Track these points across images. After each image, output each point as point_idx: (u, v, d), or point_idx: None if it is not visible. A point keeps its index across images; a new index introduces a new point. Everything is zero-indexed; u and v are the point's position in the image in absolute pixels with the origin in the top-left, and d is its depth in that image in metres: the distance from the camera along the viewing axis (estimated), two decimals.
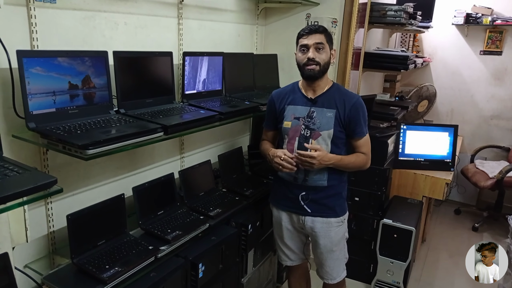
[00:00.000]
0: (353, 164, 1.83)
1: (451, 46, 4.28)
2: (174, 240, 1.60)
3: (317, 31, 1.75)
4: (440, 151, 3.01)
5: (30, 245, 1.49)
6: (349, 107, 1.78)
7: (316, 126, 1.79)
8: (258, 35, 2.68)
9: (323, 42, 1.74)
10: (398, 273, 2.58)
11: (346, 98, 1.80)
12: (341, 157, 1.79)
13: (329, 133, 1.78)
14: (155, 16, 1.87)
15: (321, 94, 1.82)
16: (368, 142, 1.86)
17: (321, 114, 1.79)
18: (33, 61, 1.26)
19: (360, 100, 1.82)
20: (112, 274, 1.35)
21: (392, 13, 2.77)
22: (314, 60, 1.74)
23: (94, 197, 1.66)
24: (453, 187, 4.33)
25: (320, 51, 1.75)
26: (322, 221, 1.86)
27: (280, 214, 1.96)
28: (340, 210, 1.89)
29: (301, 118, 1.82)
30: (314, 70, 1.75)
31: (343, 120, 1.78)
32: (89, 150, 1.19)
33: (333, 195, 1.86)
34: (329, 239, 1.88)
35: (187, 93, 1.95)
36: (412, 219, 2.59)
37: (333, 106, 1.79)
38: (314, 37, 1.74)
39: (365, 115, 1.83)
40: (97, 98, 1.49)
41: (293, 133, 1.82)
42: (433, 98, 4.18)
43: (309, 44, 1.74)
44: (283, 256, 2.06)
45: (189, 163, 2.16)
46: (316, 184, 1.82)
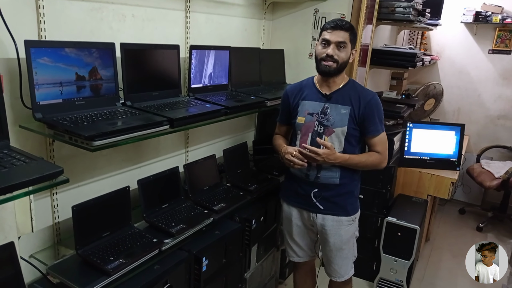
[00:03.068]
0: (363, 163, 1.80)
1: (459, 44, 4.24)
2: (178, 234, 1.61)
3: (342, 28, 1.70)
4: (446, 150, 2.99)
5: (35, 235, 1.49)
6: (364, 104, 1.75)
7: (329, 122, 1.77)
8: (265, 30, 2.67)
9: (345, 41, 1.70)
10: (401, 272, 2.58)
11: (361, 95, 1.78)
12: (349, 156, 1.76)
13: (342, 130, 1.76)
14: (163, 9, 1.86)
15: (336, 90, 1.80)
16: (384, 140, 1.82)
17: (335, 111, 1.77)
18: (40, 51, 1.26)
19: (376, 97, 1.80)
20: (116, 266, 1.35)
21: (401, 10, 2.75)
22: (332, 57, 1.71)
23: (99, 189, 1.66)
24: (458, 187, 4.30)
25: (341, 49, 1.71)
26: (332, 219, 1.85)
27: (290, 210, 1.95)
28: (351, 209, 1.88)
29: (314, 114, 1.80)
30: (330, 67, 1.72)
31: (357, 117, 1.76)
32: (96, 141, 1.19)
33: (345, 194, 1.84)
34: (338, 238, 1.87)
35: (193, 86, 1.95)
36: (417, 218, 2.58)
37: (348, 103, 1.77)
38: (338, 34, 1.69)
39: (381, 113, 1.80)
40: (103, 90, 1.49)
41: (306, 129, 1.81)
42: (440, 97, 4.15)
43: (331, 41, 1.70)
44: (290, 252, 2.06)
45: (194, 157, 2.16)
46: (328, 181, 1.81)
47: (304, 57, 2.64)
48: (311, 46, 2.60)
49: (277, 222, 2.36)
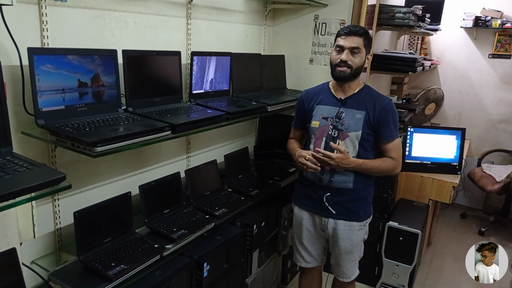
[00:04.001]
0: (377, 169, 1.81)
1: (460, 49, 4.25)
2: (179, 239, 1.61)
3: (356, 34, 1.71)
4: (447, 154, 2.99)
5: (37, 241, 1.50)
6: (379, 109, 1.76)
7: (344, 127, 1.78)
8: (266, 36, 2.68)
9: (359, 47, 1.71)
10: (403, 277, 2.57)
11: (376, 100, 1.78)
12: (362, 161, 1.77)
13: (357, 135, 1.77)
14: (164, 16, 1.87)
15: (351, 95, 1.81)
16: (399, 146, 1.83)
17: (350, 115, 1.78)
18: (43, 58, 1.27)
19: (391, 103, 1.80)
20: (118, 272, 1.35)
21: (401, 15, 2.76)
22: (346, 63, 1.72)
23: (101, 195, 1.67)
24: (460, 191, 4.30)
25: (355, 55, 1.72)
26: (344, 223, 1.86)
27: (302, 214, 1.96)
28: (363, 214, 1.89)
29: (329, 118, 1.81)
30: (344, 72, 1.74)
31: (372, 123, 1.77)
32: (98, 147, 1.20)
33: (358, 199, 1.85)
34: (349, 242, 1.88)
35: (194, 92, 1.96)
36: (418, 222, 2.58)
37: (363, 108, 1.78)
38: (352, 40, 1.71)
39: (396, 119, 1.81)
40: (105, 96, 1.50)
41: (321, 133, 1.82)
42: (441, 101, 4.15)
43: (345, 46, 1.72)
44: (298, 257, 2.06)
45: (195, 163, 2.17)
46: (341, 186, 1.81)
47: (304, 62, 2.65)
48: (312, 52, 2.62)
49: (278, 227, 2.36)
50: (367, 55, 1.77)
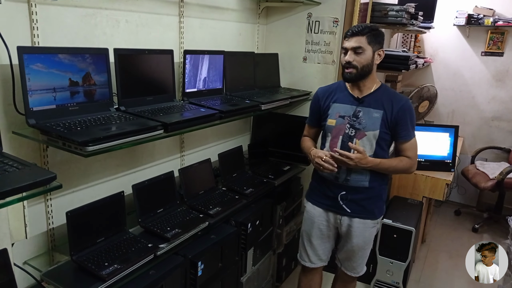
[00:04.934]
0: (394, 168, 1.82)
1: (453, 47, 4.27)
2: (173, 238, 1.60)
3: (358, 34, 1.72)
4: (441, 151, 3.01)
5: (29, 241, 1.49)
6: (396, 109, 1.76)
7: (361, 126, 1.78)
8: (259, 34, 2.68)
9: (361, 46, 1.72)
10: (398, 274, 2.58)
11: (394, 99, 1.79)
12: (380, 161, 1.77)
13: (374, 134, 1.77)
14: (156, 14, 1.87)
15: (369, 94, 1.81)
16: (415, 146, 1.84)
17: (367, 114, 1.78)
18: (33, 57, 1.26)
19: (408, 102, 1.81)
20: (111, 272, 1.34)
21: (394, 13, 2.77)
22: (350, 64, 1.74)
23: (94, 195, 1.66)
24: (453, 188, 4.32)
25: (359, 54, 1.73)
26: (359, 221, 1.87)
27: (315, 211, 1.96)
28: (378, 212, 1.90)
29: (346, 117, 1.81)
30: (351, 73, 1.75)
31: (389, 122, 1.77)
32: (89, 146, 1.19)
33: (373, 197, 1.86)
34: (362, 239, 1.90)
35: (187, 91, 1.95)
36: (412, 220, 2.59)
37: (380, 107, 1.78)
38: (353, 40, 1.72)
39: (413, 118, 1.81)
40: (97, 95, 1.49)
41: (337, 131, 1.82)
42: (434, 99, 4.17)
43: (348, 47, 1.74)
44: (304, 256, 2.05)
45: (189, 162, 2.16)
46: (357, 184, 1.82)
47: (298, 60, 2.65)
48: (305, 50, 2.62)
49: (273, 226, 2.36)
50: (377, 51, 1.76)
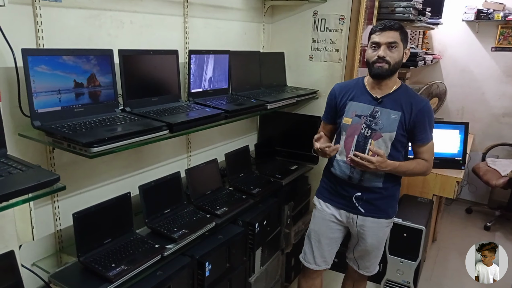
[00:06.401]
0: (411, 171, 1.79)
1: (462, 43, 4.21)
2: (180, 239, 1.59)
3: (392, 28, 1.66)
4: (451, 149, 2.96)
5: (37, 243, 1.50)
6: (416, 111, 1.72)
7: (378, 126, 1.74)
8: (264, 33, 2.66)
9: (396, 41, 1.67)
10: (408, 273, 2.55)
11: (413, 101, 1.74)
12: (399, 164, 1.73)
13: (390, 136, 1.73)
14: (161, 15, 1.86)
15: (388, 94, 1.76)
16: (432, 149, 1.80)
17: (385, 115, 1.74)
18: (38, 59, 1.26)
19: (428, 105, 1.76)
20: (118, 273, 1.34)
21: (401, 10, 2.74)
22: (384, 59, 1.67)
23: (101, 196, 1.65)
24: (464, 186, 4.26)
25: (393, 49, 1.67)
26: (372, 221, 1.85)
27: (327, 209, 1.93)
28: (392, 211, 1.89)
29: (362, 117, 1.77)
30: (382, 67, 1.69)
31: (407, 124, 1.73)
32: (94, 148, 1.19)
33: (387, 197, 1.84)
34: (377, 239, 1.89)
35: (193, 91, 1.95)
36: (422, 218, 2.55)
37: (399, 109, 1.73)
38: (388, 35, 1.66)
39: (432, 120, 1.77)
40: (102, 97, 1.49)
41: (352, 130, 1.79)
42: (444, 96, 4.11)
43: (381, 42, 1.67)
44: (309, 257, 2.01)
45: (196, 162, 2.15)
46: (371, 185, 1.80)
47: (304, 59, 2.63)
48: (311, 48, 2.59)
49: (281, 225, 2.35)
50: (405, 50, 1.72)
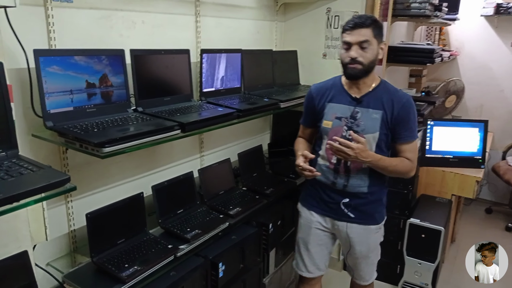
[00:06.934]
0: (394, 168, 1.68)
1: (480, 38, 4.10)
2: (193, 239, 1.59)
3: (363, 26, 1.55)
4: (470, 147, 2.88)
5: (52, 243, 1.51)
6: (398, 108, 1.63)
7: (360, 128, 1.65)
8: (277, 31, 2.64)
9: (368, 39, 1.56)
10: (426, 275, 2.49)
11: (395, 98, 1.65)
12: (380, 157, 1.64)
13: (374, 136, 1.65)
14: (172, 14, 1.86)
15: (367, 93, 1.67)
16: (416, 148, 1.71)
17: (366, 115, 1.65)
18: (50, 60, 1.26)
19: (410, 100, 1.67)
20: (131, 273, 1.34)
21: (417, 5, 2.67)
22: (356, 60, 1.58)
23: (114, 196, 1.65)
24: (484, 185, 4.15)
25: (365, 49, 1.57)
26: (360, 227, 1.76)
27: (311, 217, 1.84)
28: (379, 217, 1.80)
29: (343, 119, 1.68)
30: (356, 69, 1.59)
31: (390, 123, 1.64)
32: (105, 148, 1.19)
33: (374, 201, 1.75)
34: (366, 246, 1.80)
35: (205, 91, 1.93)
36: (441, 219, 2.49)
37: (379, 107, 1.64)
38: (359, 33, 1.56)
39: (415, 117, 1.68)
40: (114, 97, 1.49)
41: (334, 134, 1.68)
42: (461, 93, 4.02)
43: (352, 42, 1.57)
44: (300, 264, 1.92)
45: (208, 162, 2.14)
46: (356, 190, 1.71)
47: (318, 57, 2.59)
48: (325, 46, 2.56)
49: (295, 226, 2.31)
50: (380, 45, 1.61)
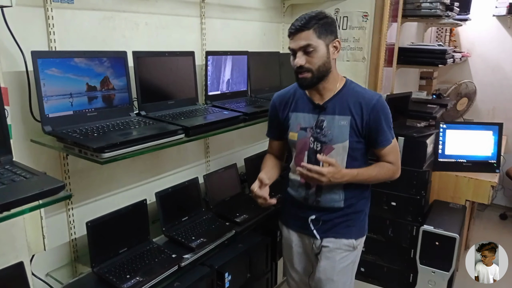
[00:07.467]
0: (374, 177, 1.51)
1: (492, 39, 4.01)
2: (198, 248, 1.54)
3: (303, 29, 1.37)
4: (484, 151, 2.79)
5: (52, 252, 1.45)
6: (367, 112, 1.44)
7: (327, 138, 1.47)
8: (284, 33, 2.58)
9: (310, 43, 1.37)
10: (441, 283, 2.40)
11: (363, 100, 1.46)
12: (357, 172, 1.46)
13: (343, 146, 1.46)
14: (177, 16, 1.81)
15: (331, 98, 1.48)
16: (396, 149, 1.54)
17: (332, 123, 1.47)
18: (48, 62, 1.22)
19: (381, 100, 1.47)
20: (133, 285, 1.29)
21: (427, 5, 2.60)
22: (303, 68, 1.40)
23: (117, 203, 1.61)
24: (499, 190, 4.04)
25: (311, 54, 1.38)
26: (328, 241, 1.55)
27: (290, 235, 1.67)
28: (355, 231, 1.57)
29: (308, 129, 1.50)
30: (306, 78, 1.42)
31: (361, 129, 1.46)
32: (105, 153, 1.14)
33: (351, 214, 1.56)
34: (331, 263, 1.55)
35: (210, 94, 1.88)
36: (455, 225, 2.40)
37: (346, 112, 1.46)
38: (299, 38, 1.38)
39: (389, 118, 1.49)
40: (116, 100, 1.44)
41: (301, 146, 1.52)
42: (473, 96, 3.92)
43: (295, 48, 1.40)
44: (292, 282, 1.78)
45: (215, 167, 2.09)
46: (330, 205, 1.53)
47: None
48: None
49: None
50: (331, 44, 1.41)
